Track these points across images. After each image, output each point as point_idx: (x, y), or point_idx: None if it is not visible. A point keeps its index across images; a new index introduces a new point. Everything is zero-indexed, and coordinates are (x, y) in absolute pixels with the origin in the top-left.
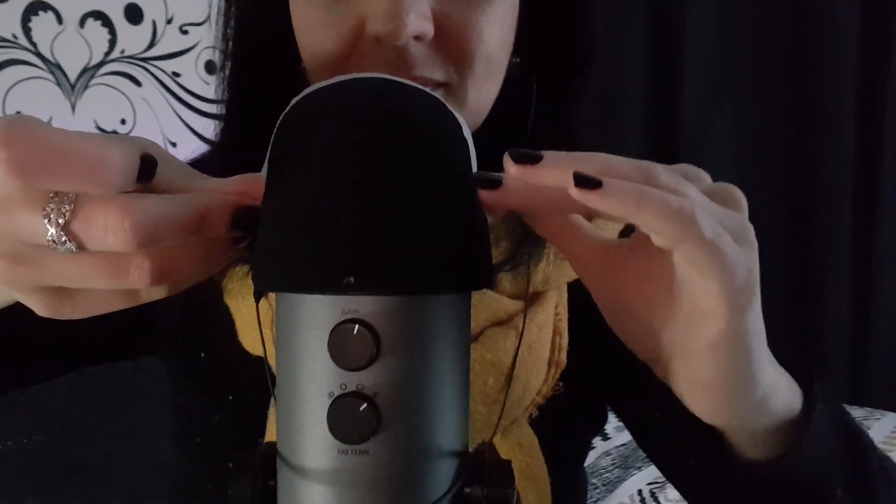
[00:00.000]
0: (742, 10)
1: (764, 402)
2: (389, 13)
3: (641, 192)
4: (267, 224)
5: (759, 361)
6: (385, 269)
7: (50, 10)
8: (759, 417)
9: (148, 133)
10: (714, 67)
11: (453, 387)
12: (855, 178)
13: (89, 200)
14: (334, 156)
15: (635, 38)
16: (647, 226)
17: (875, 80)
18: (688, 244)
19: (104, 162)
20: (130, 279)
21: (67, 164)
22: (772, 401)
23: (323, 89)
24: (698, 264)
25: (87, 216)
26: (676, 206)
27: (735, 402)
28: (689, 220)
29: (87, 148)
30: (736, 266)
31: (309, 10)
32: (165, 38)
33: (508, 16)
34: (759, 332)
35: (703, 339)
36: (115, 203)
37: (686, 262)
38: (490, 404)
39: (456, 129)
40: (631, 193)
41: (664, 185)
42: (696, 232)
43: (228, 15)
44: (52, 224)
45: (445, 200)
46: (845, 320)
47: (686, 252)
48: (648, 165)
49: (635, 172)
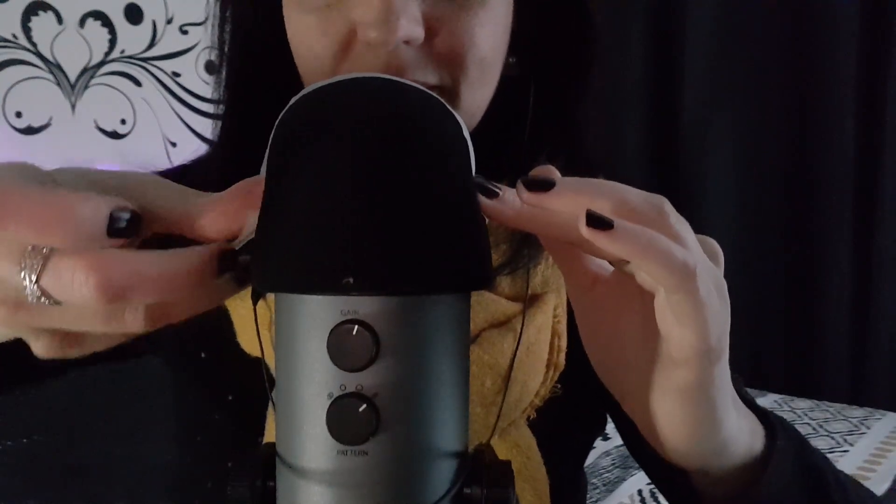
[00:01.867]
0: (742, 10)
1: (724, 447)
2: (380, 18)
3: (649, 239)
4: (266, 224)
5: (722, 409)
6: (385, 269)
7: (50, 10)
8: (720, 461)
9: (148, 133)
10: (714, 67)
11: (453, 387)
12: (855, 178)
13: (59, 256)
14: (333, 156)
15: (635, 38)
16: (647, 270)
17: (875, 80)
18: (680, 295)
19: (66, 216)
20: (126, 325)
21: (25, 217)
22: (732, 446)
23: (322, 89)
24: (682, 316)
25: (56, 272)
26: (681, 260)
27: (696, 448)
28: (690, 276)
29: (51, 201)
30: (715, 323)
31: (301, 16)
32: (165, 38)
33: (502, 17)
34: (725, 382)
35: (670, 386)
36: (83, 259)
37: (670, 309)
38: (488, 406)
39: (456, 128)
40: (639, 240)
41: (671, 228)
42: (692, 286)
43: (224, 18)
44: (27, 279)
45: (445, 200)
46: (845, 320)
47: (675, 302)
48: (660, 203)
49: (648, 209)
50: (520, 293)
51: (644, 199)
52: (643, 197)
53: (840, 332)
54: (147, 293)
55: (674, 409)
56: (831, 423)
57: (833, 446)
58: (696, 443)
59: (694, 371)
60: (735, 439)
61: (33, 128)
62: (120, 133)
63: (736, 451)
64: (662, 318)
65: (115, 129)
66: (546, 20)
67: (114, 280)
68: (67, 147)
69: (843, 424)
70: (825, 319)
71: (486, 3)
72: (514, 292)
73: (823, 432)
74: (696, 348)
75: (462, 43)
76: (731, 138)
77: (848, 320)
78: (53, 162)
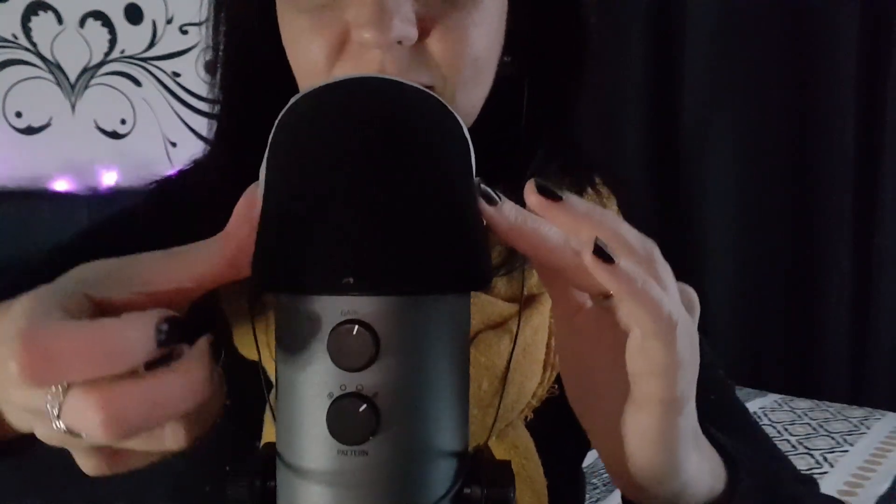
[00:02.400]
0: (742, 10)
1: (684, 490)
2: (373, 19)
3: (643, 282)
4: (266, 224)
5: (683, 454)
6: (384, 269)
7: (50, 10)
8: (679, 502)
9: (148, 133)
10: (714, 67)
11: (453, 387)
12: (855, 178)
13: (74, 391)
14: (333, 156)
15: (635, 38)
16: (632, 311)
17: (875, 80)
18: (657, 343)
19: (115, 347)
20: (165, 443)
21: (77, 359)
22: (692, 488)
23: (321, 89)
24: (654, 363)
25: (72, 408)
26: (666, 309)
27: (654, 488)
28: (671, 327)
29: (98, 335)
30: (683, 375)
31: (294, 16)
32: (165, 38)
33: (496, 17)
34: (688, 429)
35: (632, 427)
36: (93, 395)
37: (643, 354)
38: (484, 408)
39: (456, 128)
40: (635, 281)
41: (658, 274)
42: (671, 337)
43: (218, 19)
44: (51, 414)
45: (445, 201)
46: (845, 320)
47: (650, 347)
48: (651, 248)
49: (640, 251)
50: (516, 294)
51: (638, 239)
52: (637, 237)
53: (840, 332)
54: (162, 418)
55: (634, 449)
56: (831, 423)
57: (833, 446)
58: (655, 483)
59: (656, 417)
60: (696, 481)
61: (33, 128)
62: (120, 133)
63: (697, 492)
64: (633, 361)
65: (115, 129)
66: (541, 19)
67: (120, 416)
68: (67, 147)
69: (843, 424)
70: (825, 319)
71: (480, 3)
72: (510, 293)
73: (823, 432)
74: (661, 397)
75: (455, 43)
76: (731, 138)
77: (848, 320)
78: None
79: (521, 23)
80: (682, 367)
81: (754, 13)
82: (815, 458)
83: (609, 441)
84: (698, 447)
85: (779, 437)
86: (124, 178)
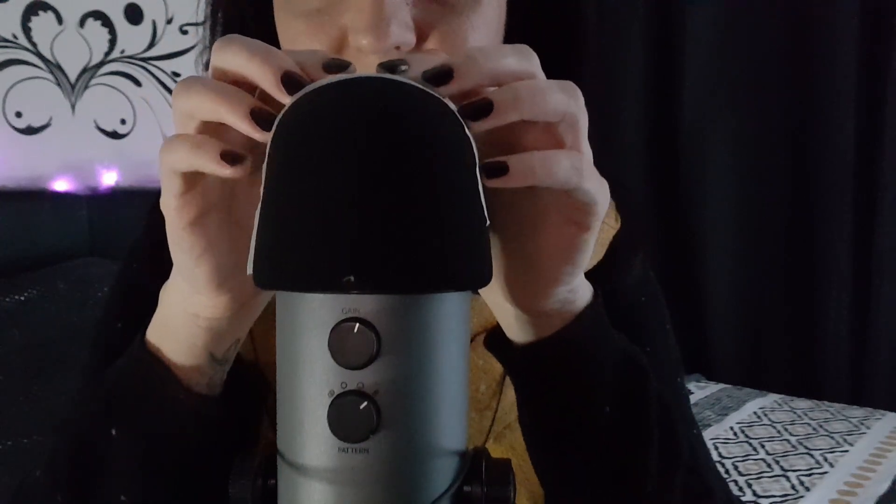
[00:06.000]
0: (742, 11)
1: (575, 290)
2: (371, 24)
3: (542, 173)
4: (267, 222)
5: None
6: (385, 268)
7: (50, 10)
8: (571, 303)
9: (148, 133)
10: (714, 67)
11: (453, 385)
12: (855, 178)
13: None
14: (334, 154)
15: (635, 38)
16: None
17: (875, 80)
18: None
19: None
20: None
21: None
22: (580, 291)
23: (322, 88)
24: (583, 208)
25: None
26: (568, 175)
27: (561, 291)
28: (578, 179)
29: None
30: (602, 194)
31: (291, 20)
32: (165, 38)
33: (494, 20)
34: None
35: (564, 242)
36: None
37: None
38: (482, 410)
39: (458, 127)
40: (536, 176)
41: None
42: (582, 185)
43: (215, 20)
44: None
45: (446, 199)
46: (845, 320)
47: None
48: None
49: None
50: None
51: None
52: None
53: (840, 332)
54: None
55: (557, 259)
56: (831, 423)
57: (833, 446)
58: (566, 281)
59: (591, 232)
60: (583, 287)
61: (33, 128)
62: (120, 133)
63: (581, 298)
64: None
65: (115, 129)
66: (540, 19)
67: None
68: (67, 147)
69: (843, 424)
70: (825, 319)
71: (478, 8)
72: None
73: (823, 432)
74: (597, 215)
75: (453, 48)
76: (731, 138)
77: (848, 320)
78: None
79: (520, 23)
80: (599, 191)
81: (754, 14)
82: (815, 458)
83: (527, 264)
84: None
85: (779, 437)
86: (124, 178)
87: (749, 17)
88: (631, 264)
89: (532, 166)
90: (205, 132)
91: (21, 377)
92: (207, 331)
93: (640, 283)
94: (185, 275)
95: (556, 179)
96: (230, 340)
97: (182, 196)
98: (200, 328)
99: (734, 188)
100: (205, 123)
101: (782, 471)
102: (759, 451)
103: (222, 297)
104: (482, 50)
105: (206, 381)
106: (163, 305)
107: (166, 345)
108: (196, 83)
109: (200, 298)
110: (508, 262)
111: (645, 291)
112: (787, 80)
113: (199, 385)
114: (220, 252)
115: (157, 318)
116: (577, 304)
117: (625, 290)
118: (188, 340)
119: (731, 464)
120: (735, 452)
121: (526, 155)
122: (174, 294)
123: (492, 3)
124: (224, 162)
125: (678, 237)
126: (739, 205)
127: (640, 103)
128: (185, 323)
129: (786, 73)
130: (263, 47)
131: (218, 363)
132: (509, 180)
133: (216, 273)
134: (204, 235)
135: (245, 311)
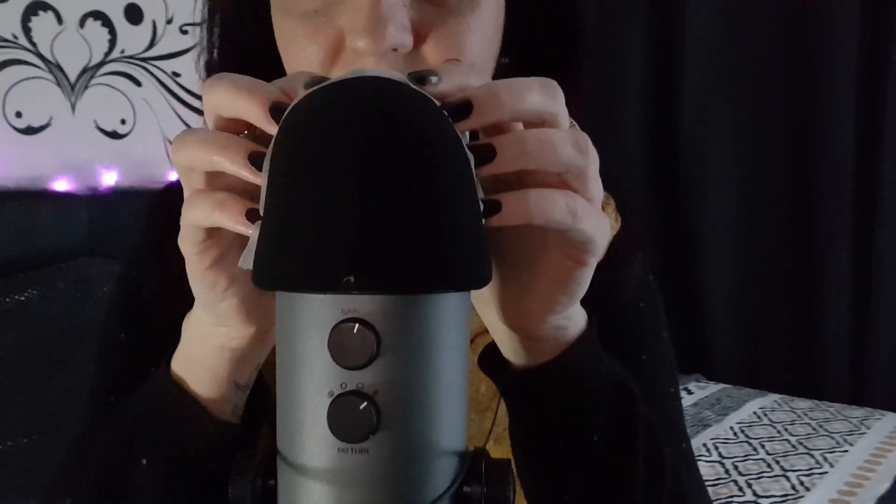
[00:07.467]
0: (742, 11)
1: (569, 318)
2: (368, 26)
3: (544, 213)
4: (267, 223)
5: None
6: (385, 268)
7: (50, 10)
8: (565, 330)
9: (148, 133)
10: (714, 67)
11: (453, 386)
12: (855, 178)
13: None
14: (334, 154)
15: (635, 38)
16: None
17: (875, 80)
18: (580, 232)
19: None
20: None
21: None
22: (576, 318)
23: (322, 89)
24: (581, 245)
25: None
26: (563, 214)
27: (556, 319)
28: (576, 221)
29: None
30: (601, 236)
31: (288, 21)
32: (165, 38)
33: (492, 21)
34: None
35: (561, 274)
36: None
37: (572, 240)
38: (482, 412)
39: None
40: (542, 215)
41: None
42: (585, 226)
43: (213, 21)
44: None
45: (445, 199)
46: (845, 320)
47: (575, 235)
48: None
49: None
50: None
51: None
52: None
53: (840, 332)
54: None
55: (553, 290)
56: (831, 423)
57: (833, 446)
58: (561, 310)
59: (588, 267)
60: (578, 314)
61: (33, 128)
62: (120, 133)
63: (576, 325)
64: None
65: (115, 129)
66: (539, 19)
67: None
68: (67, 147)
69: (843, 424)
70: (825, 319)
71: (476, 9)
72: None
73: (823, 432)
74: (594, 252)
75: (451, 50)
76: (730, 138)
77: (848, 320)
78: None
79: (519, 23)
80: (599, 232)
81: (754, 14)
82: (815, 458)
83: (523, 290)
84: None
85: (779, 437)
86: (124, 178)
87: (749, 17)
88: (631, 264)
89: (527, 206)
90: (210, 179)
91: (21, 377)
92: (231, 360)
93: (639, 288)
94: (210, 309)
95: (551, 220)
96: (253, 366)
97: (202, 243)
98: (225, 359)
99: (734, 188)
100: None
101: (782, 471)
102: (759, 451)
103: (250, 328)
104: (507, 85)
105: (231, 409)
106: (186, 338)
107: (191, 376)
108: (190, 137)
109: (227, 331)
110: (504, 285)
111: (644, 297)
112: (787, 80)
113: (224, 413)
114: (244, 285)
115: (181, 351)
116: (570, 332)
117: (624, 293)
118: (213, 370)
119: (731, 464)
120: (735, 452)
121: (521, 193)
122: (197, 327)
123: (490, 4)
124: (248, 221)
125: (678, 237)
126: (739, 205)
127: (640, 103)
128: (211, 354)
129: (786, 73)
130: (248, 83)
131: (241, 390)
132: (502, 219)
133: (242, 305)
134: (227, 272)
135: (268, 335)
